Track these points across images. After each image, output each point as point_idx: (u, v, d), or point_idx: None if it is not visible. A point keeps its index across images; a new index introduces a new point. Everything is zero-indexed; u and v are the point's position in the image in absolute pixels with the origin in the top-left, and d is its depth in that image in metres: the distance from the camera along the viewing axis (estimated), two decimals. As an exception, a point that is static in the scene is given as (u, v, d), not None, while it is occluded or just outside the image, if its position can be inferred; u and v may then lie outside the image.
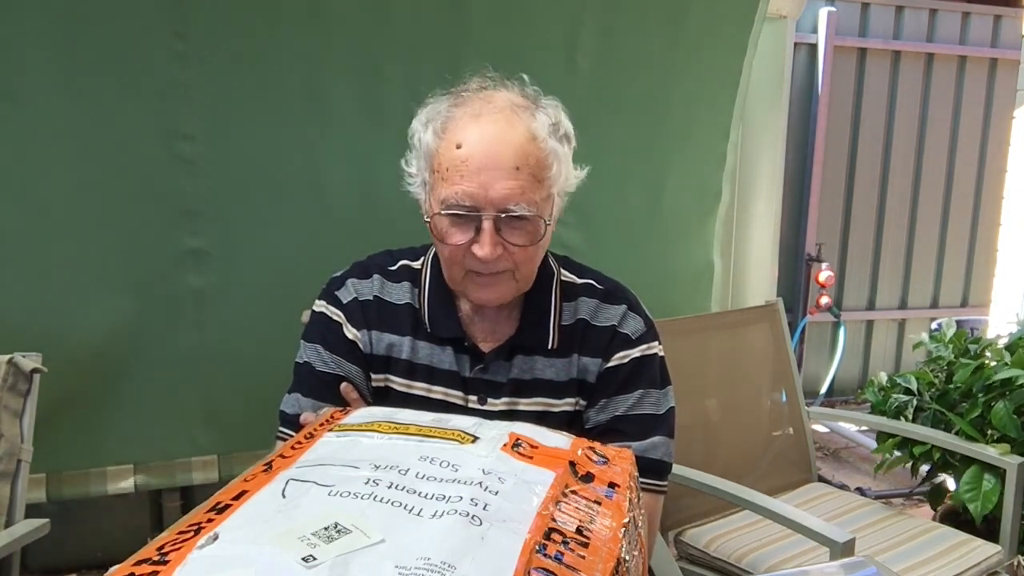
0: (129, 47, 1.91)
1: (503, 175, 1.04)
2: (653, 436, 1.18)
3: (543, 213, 1.08)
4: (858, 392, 3.54)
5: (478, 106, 1.08)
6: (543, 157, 1.07)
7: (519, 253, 1.08)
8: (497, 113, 1.07)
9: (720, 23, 2.48)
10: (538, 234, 1.08)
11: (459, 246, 1.08)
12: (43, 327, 1.92)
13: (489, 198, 1.04)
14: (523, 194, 1.05)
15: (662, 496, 1.20)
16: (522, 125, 1.06)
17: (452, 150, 1.05)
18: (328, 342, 1.19)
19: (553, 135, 1.09)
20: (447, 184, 1.06)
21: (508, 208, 1.04)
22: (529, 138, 1.06)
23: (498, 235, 1.06)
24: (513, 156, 1.04)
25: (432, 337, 1.18)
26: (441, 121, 1.08)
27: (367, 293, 1.20)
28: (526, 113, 1.08)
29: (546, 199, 1.09)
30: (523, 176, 1.05)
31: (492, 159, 1.04)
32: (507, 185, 1.04)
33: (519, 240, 1.07)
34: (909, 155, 4.20)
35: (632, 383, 1.18)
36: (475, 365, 1.18)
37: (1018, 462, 1.92)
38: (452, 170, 1.05)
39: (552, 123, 1.10)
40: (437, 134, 1.08)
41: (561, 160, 1.10)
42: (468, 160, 1.04)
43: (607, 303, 1.21)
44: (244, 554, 0.62)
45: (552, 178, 1.09)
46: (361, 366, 1.19)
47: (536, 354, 1.18)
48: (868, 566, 0.89)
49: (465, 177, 1.04)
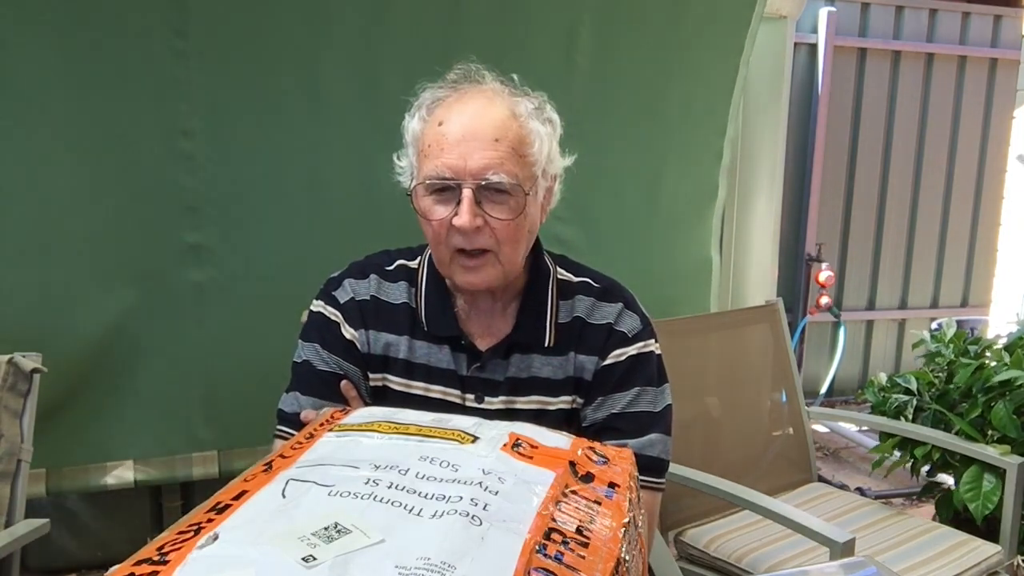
0: (130, 45, 1.91)
1: (482, 145, 1.06)
2: (650, 433, 1.18)
3: (524, 186, 1.09)
4: (858, 392, 3.55)
5: (463, 89, 1.11)
6: (524, 134, 1.09)
7: (501, 229, 1.09)
8: (479, 94, 1.10)
9: (717, 22, 2.48)
10: (519, 207, 1.09)
11: (442, 221, 1.09)
12: (43, 326, 1.92)
13: (468, 168, 1.06)
14: (502, 164, 1.06)
15: (660, 494, 1.21)
16: (503, 104, 1.09)
17: (435, 128, 1.08)
18: (326, 341, 1.19)
19: (536, 117, 1.11)
20: (429, 160, 1.08)
21: (487, 177, 1.06)
22: (510, 115, 1.09)
23: (479, 207, 1.07)
24: (492, 129, 1.07)
25: (429, 336, 1.19)
26: (427, 105, 1.12)
27: (364, 293, 1.21)
28: (509, 96, 1.11)
29: (528, 177, 1.10)
30: (502, 148, 1.07)
31: (471, 131, 1.06)
32: (486, 155, 1.06)
33: (500, 214, 1.08)
34: (909, 155, 4.20)
35: (628, 381, 1.19)
36: (472, 364, 1.18)
37: (1018, 462, 1.92)
38: (434, 145, 1.08)
39: (535, 107, 1.12)
40: (423, 118, 1.11)
41: (543, 139, 1.11)
42: (448, 134, 1.07)
43: (603, 301, 1.22)
44: (244, 554, 0.62)
45: (534, 155, 1.10)
46: (359, 366, 1.19)
47: (533, 352, 1.19)
48: (868, 566, 0.89)
49: (445, 150, 1.06)
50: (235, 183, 2.07)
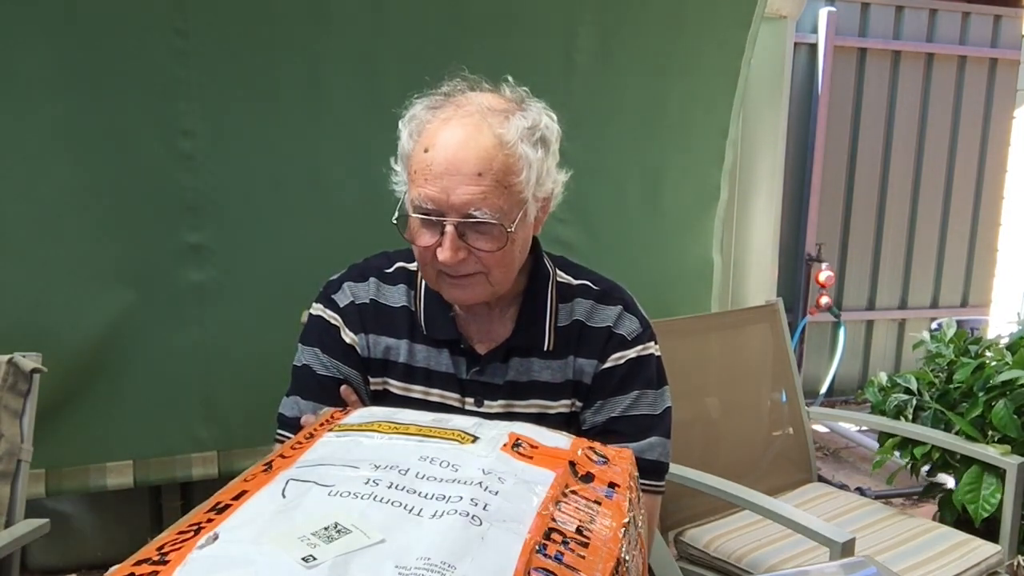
0: (130, 44, 1.91)
1: (464, 180, 1.03)
2: (650, 437, 1.18)
3: (506, 220, 1.06)
4: (858, 392, 3.54)
5: (450, 111, 1.07)
6: (512, 163, 1.05)
7: (487, 258, 1.08)
8: (466, 118, 1.06)
9: (719, 22, 2.48)
10: (503, 238, 1.07)
11: (427, 248, 1.08)
12: (43, 326, 1.92)
13: (451, 203, 1.04)
14: (485, 199, 1.04)
15: (660, 496, 1.21)
16: (489, 131, 1.05)
17: (421, 153, 1.06)
18: (326, 345, 1.19)
19: (527, 140, 1.07)
20: (415, 186, 1.06)
21: (470, 214, 1.04)
22: (495, 144, 1.04)
23: (462, 240, 1.06)
24: (476, 162, 1.03)
25: (428, 340, 1.19)
26: (416, 124, 1.09)
27: (363, 296, 1.20)
28: (497, 117, 1.06)
29: (514, 205, 1.07)
30: (486, 182, 1.04)
31: (454, 164, 1.03)
32: (468, 191, 1.03)
33: (484, 246, 1.07)
34: (909, 155, 4.20)
35: (628, 384, 1.19)
36: (471, 367, 1.18)
37: (1018, 462, 1.92)
38: (419, 173, 1.06)
39: (527, 127, 1.08)
40: (412, 137, 1.09)
41: (532, 165, 1.08)
42: (432, 164, 1.04)
43: (603, 304, 1.22)
44: (244, 554, 0.62)
45: (521, 183, 1.07)
46: (359, 369, 1.19)
47: (532, 356, 1.19)
48: (868, 566, 0.89)
49: (429, 181, 1.04)
50: (235, 183, 2.07)
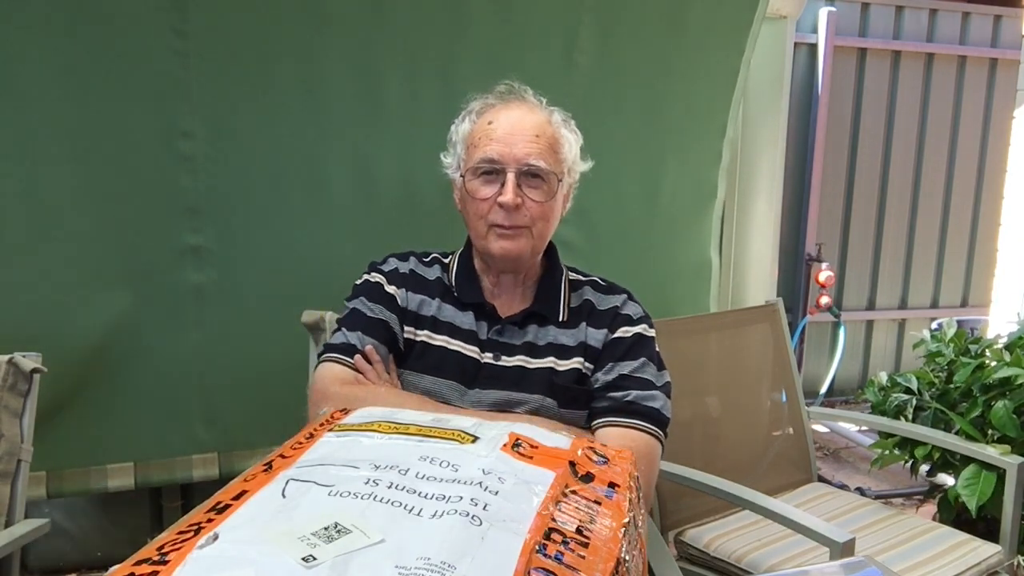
0: (129, 45, 1.91)
1: (525, 138, 1.30)
2: (654, 391, 1.33)
3: (557, 173, 1.32)
4: (858, 392, 3.54)
5: (508, 98, 1.37)
6: (558, 137, 1.35)
7: (535, 208, 1.31)
8: (522, 103, 1.36)
9: (719, 22, 2.48)
10: (552, 191, 1.32)
11: (486, 200, 1.31)
12: (43, 326, 1.92)
13: (513, 155, 1.29)
14: (541, 154, 1.30)
15: (659, 445, 1.30)
16: (542, 112, 1.36)
17: (485, 125, 1.33)
18: (371, 295, 1.40)
19: (565, 127, 1.37)
20: (479, 149, 1.31)
21: (529, 163, 1.29)
22: (546, 121, 1.35)
23: (519, 189, 1.29)
24: (533, 127, 1.32)
25: (457, 302, 1.39)
26: (479, 107, 1.37)
27: (405, 268, 1.44)
28: (546, 108, 1.38)
29: (559, 171, 1.33)
30: (541, 142, 1.31)
31: (516, 127, 1.31)
32: (528, 146, 1.30)
33: (537, 196, 1.31)
34: (909, 155, 4.19)
35: (635, 352, 1.36)
36: (492, 327, 1.37)
37: (1018, 462, 1.92)
38: (484, 137, 1.32)
39: (563, 119, 1.38)
40: (473, 120, 1.36)
41: (572, 144, 1.37)
42: (497, 128, 1.31)
43: (609, 293, 1.44)
44: (244, 554, 0.62)
45: (564, 155, 1.35)
46: (398, 315, 1.39)
47: (548, 324, 1.38)
48: (868, 566, 0.89)
49: (494, 140, 1.30)
50: (235, 184, 2.06)
